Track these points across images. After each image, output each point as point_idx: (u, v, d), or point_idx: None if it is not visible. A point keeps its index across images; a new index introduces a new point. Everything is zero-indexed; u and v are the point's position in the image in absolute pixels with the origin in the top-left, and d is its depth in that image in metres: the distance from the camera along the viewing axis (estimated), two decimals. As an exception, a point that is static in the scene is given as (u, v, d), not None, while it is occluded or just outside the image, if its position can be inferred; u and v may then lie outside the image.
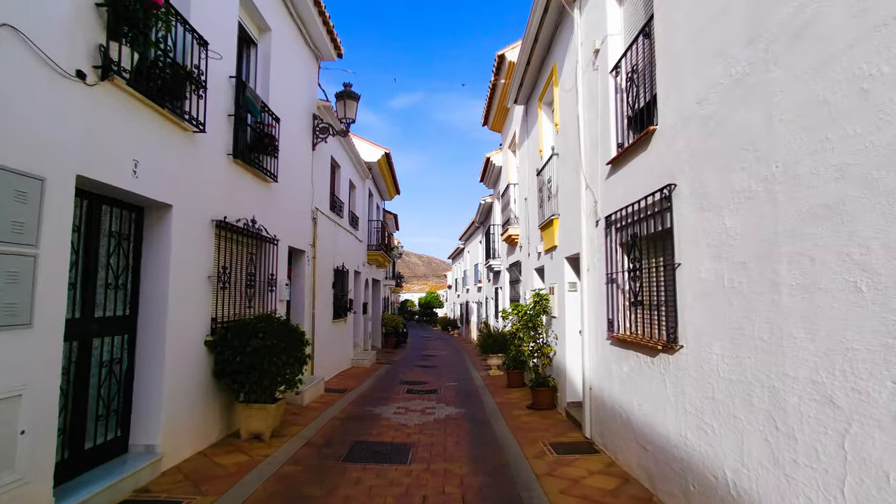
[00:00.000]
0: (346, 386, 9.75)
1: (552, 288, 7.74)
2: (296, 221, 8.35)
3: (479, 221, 19.99)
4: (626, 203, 4.64)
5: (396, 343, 20.10)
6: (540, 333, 7.78)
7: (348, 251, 12.58)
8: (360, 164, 13.61)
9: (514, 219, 11.35)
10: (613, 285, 5.04)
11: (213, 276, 5.40)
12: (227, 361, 5.34)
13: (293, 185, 8.17)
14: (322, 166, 10.12)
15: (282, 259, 7.53)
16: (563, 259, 7.14)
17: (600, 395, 5.41)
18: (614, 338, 4.91)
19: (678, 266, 3.65)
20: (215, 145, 5.49)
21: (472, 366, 13.86)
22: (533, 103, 9.38)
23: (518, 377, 9.73)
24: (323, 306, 10.02)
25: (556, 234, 7.54)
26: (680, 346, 3.60)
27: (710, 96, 3.25)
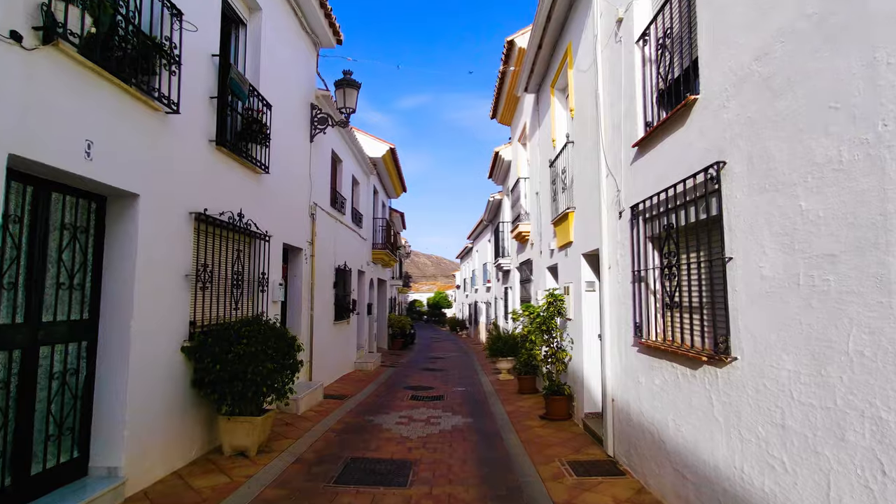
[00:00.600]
0: (347, 392, 9.16)
1: (567, 288, 7.08)
2: (291, 217, 7.77)
3: (487, 219, 19.33)
4: (656, 190, 3.99)
5: (403, 344, 19.51)
6: (554, 337, 7.13)
7: (351, 249, 12.00)
8: (363, 159, 13.03)
9: (525, 215, 10.70)
10: (641, 285, 4.38)
11: (191, 275, 4.82)
12: (207, 370, 4.76)
13: (288, 178, 7.60)
14: (322, 160, 9.54)
15: (275, 257, 6.95)
16: (580, 256, 6.49)
17: (625, 409, 4.75)
18: (643, 345, 4.25)
19: (729, 261, 2.99)
20: (194, 130, 4.92)
21: (480, 369, 13.21)
22: (545, 90, 8.72)
23: (530, 383, 9.08)
24: (323, 307, 9.44)
25: (571, 230, 6.88)
26: (732, 359, 2.94)
27: (775, 49, 2.59)
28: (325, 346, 9.46)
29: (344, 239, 11.24)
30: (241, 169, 5.94)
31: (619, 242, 4.99)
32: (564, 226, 7.15)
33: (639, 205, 4.37)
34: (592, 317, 6.38)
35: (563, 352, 6.94)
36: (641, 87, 4.44)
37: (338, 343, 10.63)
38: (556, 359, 6.91)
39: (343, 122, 8.92)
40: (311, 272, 8.65)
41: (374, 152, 14.27)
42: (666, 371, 3.86)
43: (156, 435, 4.29)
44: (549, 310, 7.09)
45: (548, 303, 7.17)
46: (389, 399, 8.69)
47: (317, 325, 8.95)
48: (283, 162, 7.34)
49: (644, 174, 4.33)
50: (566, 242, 7.13)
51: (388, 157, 14.77)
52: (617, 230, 5.04)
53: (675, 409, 3.68)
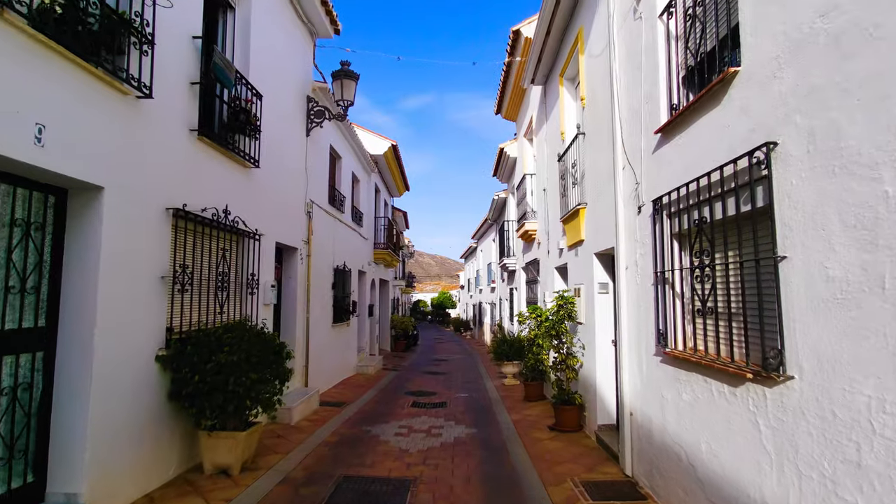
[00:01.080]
0: (346, 398, 8.70)
1: (578, 289, 6.59)
2: (285, 215, 7.33)
3: (492, 218, 18.85)
4: (684, 180, 3.51)
5: (406, 346, 19.06)
6: (564, 342, 6.63)
7: (351, 249, 11.56)
8: (364, 156, 12.59)
9: (531, 213, 10.21)
10: (665, 287, 3.90)
11: (168, 277, 4.38)
12: (185, 381, 4.31)
13: (282, 174, 7.15)
14: (319, 155, 9.10)
15: (266, 257, 6.51)
16: (592, 255, 6.00)
17: (646, 425, 4.26)
18: (668, 355, 3.77)
19: (782, 260, 2.51)
20: (171, 118, 4.47)
21: (485, 372, 12.74)
22: (553, 81, 8.24)
23: (537, 389, 8.59)
24: (320, 310, 9.00)
25: (582, 227, 6.40)
26: (787, 377, 2.46)
27: (843, 2, 2.11)
28: (322, 350, 9.02)
29: (343, 238, 10.80)
30: (227, 162, 5.49)
31: (637, 240, 4.51)
32: (575, 223, 6.66)
33: (662, 198, 3.89)
34: (606, 321, 5.89)
35: (573, 358, 6.46)
36: (665, 66, 3.96)
37: (337, 346, 10.18)
38: (566, 366, 6.43)
39: (341, 116, 8.47)
40: (307, 273, 8.21)
41: (375, 149, 13.82)
42: (697, 386, 3.37)
43: (125, 454, 3.85)
44: (559, 313, 6.60)
45: (557, 305, 6.68)
46: (389, 406, 8.23)
47: (313, 329, 8.50)
48: (276, 156, 6.90)
49: (668, 164, 3.85)
50: (577, 241, 6.65)
51: (390, 155, 14.32)
52: (635, 227, 4.56)
53: (710, 430, 3.19)
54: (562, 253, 7.76)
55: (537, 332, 8.53)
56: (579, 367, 6.50)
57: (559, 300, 6.61)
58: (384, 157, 14.15)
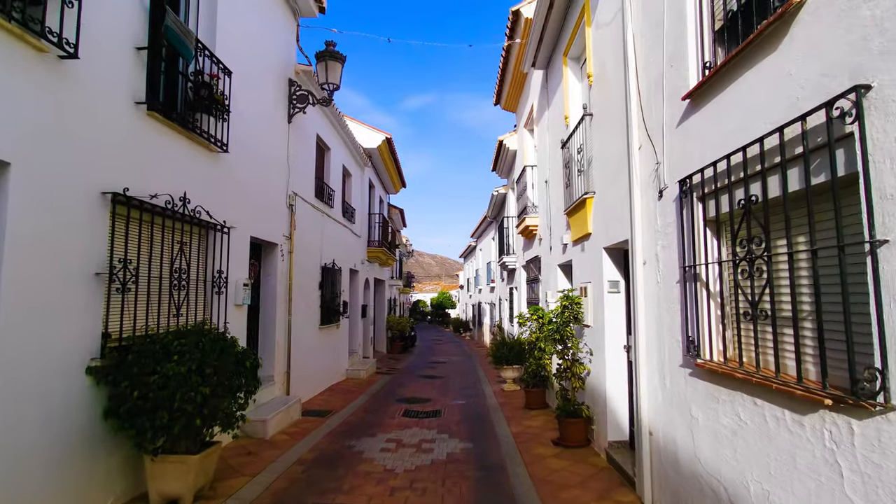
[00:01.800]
0: (332, 406, 8.01)
1: (584, 288, 5.90)
2: (263, 207, 6.65)
3: (491, 216, 18.15)
4: (723, 152, 2.82)
5: (403, 348, 18.37)
6: (569, 347, 5.94)
7: (341, 247, 10.87)
8: (356, 148, 11.90)
9: (532, 207, 9.53)
10: (695, 285, 3.21)
11: (103, 273, 3.69)
12: (123, 397, 3.64)
13: (259, 162, 6.47)
14: (304, 145, 8.41)
15: (238, 252, 5.83)
16: (601, 250, 5.32)
17: (670, 449, 3.58)
18: (702, 367, 3.08)
19: (881, 245, 1.83)
20: (109, 86, 3.79)
21: (483, 376, 12.05)
22: (556, 62, 7.55)
23: (538, 397, 7.90)
24: (305, 311, 8.32)
25: (589, 219, 5.71)
26: (889, 408, 1.77)
27: None
28: (307, 354, 8.33)
29: (332, 235, 10.11)
30: (187, 144, 4.81)
31: (658, 230, 3.82)
32: (581, 215, 5.98)
33: (692, 177, 3.20)
34: (616, 324, 5.21)
35: (579, 365, 5.76)
36: (695, 16, 3.27)
37: (325, 350, 9.50)
38: (571, 373, 5.73)
39: (325, 100, 7.79)
40: (288, 271, 7.52)
41: (368, 143, 13.14)
42: (743, 408, 2.68)
43: (43, 488, 3.17)
44: (564, 315, 5.90)
45: (562, 306, 5.98)
46: (378, 415, 7.54)
47: (297, 332, 7.82)
48: (251, 142, 6.22)
49: (699, 136, 3.16)
50: (583, 235, 5.97)
51: (384, 148, 13.64)
52: (655, 215, 3.87)
53: (762, 466, 2.50)
54: (566, 249, 7.08)
55: (539, 334, 7.85)
56: (586, 375, 5.81)
57: (564, 300, 5.92)
58: (378, 150, 13.47)
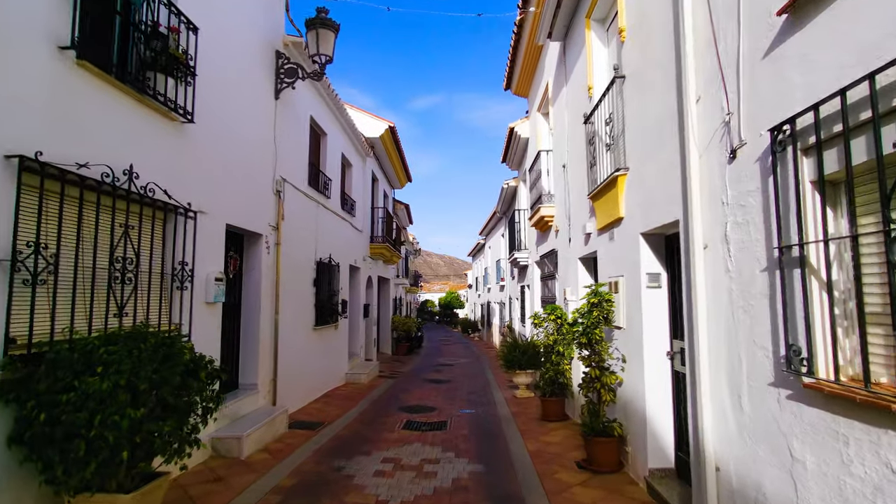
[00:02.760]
0: (326, 416, 7.14)
1: (614, 283, 4.96)
2: (243, 191, 5.79)
3: (501, 211, 17.21)
4: (850, 79, 1.89)
5: (409, 349, 17.49)
6: (599, 353, 4.98)
7: (340, 241, 10.01)
8: (356, 136, 11.04)
9: (547, 196, 8.59)
10: (802, 272, 2.27)
11: (6, 260, 2.84)
12: (29, 420, 2.78)
13: (237, 139, 5.61)
14: (295, 126, 7.56)
15: (209, 241, 4.97)
16: (637, 237, 4.38)
17: (752, 496, 2.63)
18: (816, 388, 2.14)
19: None
20: (16, 20, 2.93)
21: (493, 381, 11.12)
22: (576, 30, 6.61)
23: (556, 407, 6.96)
24: (296, 310, 7.46)
25: (620, 201, 4.78)
26: None
27: None
28: (299, 358, 7.47)
29: (329, 228, 9.25)
30: (136, 107, 3.94)
31: (728, 204, 2.88)
32: (609, 198, 5.05)
33: (794, 122, 2.27)
34: (657, 325, 4.27)
35: (610, 375, 4.81)
36: None
37: (320, 353, 8.63)
38: (600, 384, 4.78)
39: (317, 74, 6.91)
40: (275, 265, 6.66)
41: (370, 131, 12.27)
42: (898, 457, 1.74)
43: None
44: (592, 314, 4.92)
45: (589, 304, 5.01)
46: (376, 428, 6.65)
47: (287, 333, 6.96)
48: (229, 116, 5.36)
49: (808, 61, 2.23)
50: (611, 221, 5.04)
51: (388, 138, 12.76)
52: (724, 184, 2.93)
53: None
54: (589, 239, 6.14)
55: (557, 337, 6.93)
56: (617, 386, 4.87)
57: (592, 297, 4.95)
58: (381, 140, 12.60)
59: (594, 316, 4.79)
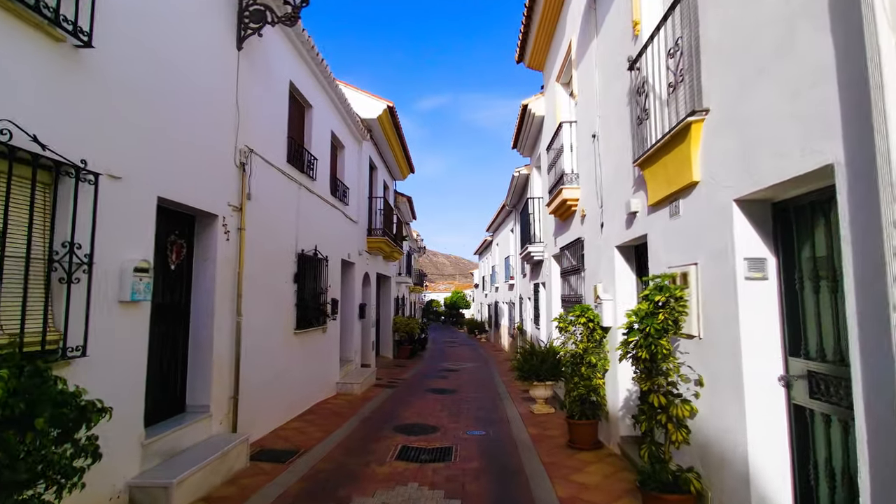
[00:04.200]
0: (304, 440, 5.75)
1: (683, 275, 3.52)
2: (187, 158, 4.41)
3: (511, 203, 15.77)
4: None
5: (412, 353, 16.09)
6: (666, 372, 3.49)
7: (330, 231, 8.64)
8: (349, 115, 9.66)
9: (571, 176, 7.16)
10: None
11: None
12: None
13: (178, 88, 4.24)
14: (269, 90, 6.18)
15: (129, 218, 3.59)
16: (729, 206, 2.96)
17: None
18: None
19: None
20: None
21: (504, 391, 9.70)
22: (613, -43, 5.19)
23: (588, 432, 5.53)
24: (269, 311, 6.08)
25: (695, 158, 3.35)
26: None
27: None
28: (271, 370, 6.10)
29: (315, 215, 7.87)
30: (-21, 5, 2.58)
31: None
32: (674, 158, 3.62)
33: None
34: (762, 335, 2.84)
35: (683, 404, 3.34)
36: None
37: (303, 362, 7.25)
38: (668, 416, 3.32)
39: (290, 18, 5.51)
40: (238, 255, 5.29)
41: (366, 112, 10.89)
42: None
43: None
44: (658, 319, 3.42)
45: (651, 304, 3.50)
46: (363, 457, 5.25)
47: (254, 339, 5.59)
48: (161, 54, 3.99)
49: None
50: (677, 189, 3.61)
51: (386, 120, 11.36)
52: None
53: None
54: (633, 220, 4.72)
55: (588, 344, 5.52)
56: (689, 417, 3.43)
57: (656, 293, 3.45)
58: (378, 122, 11.21)
59: (660, 320, 3.32)
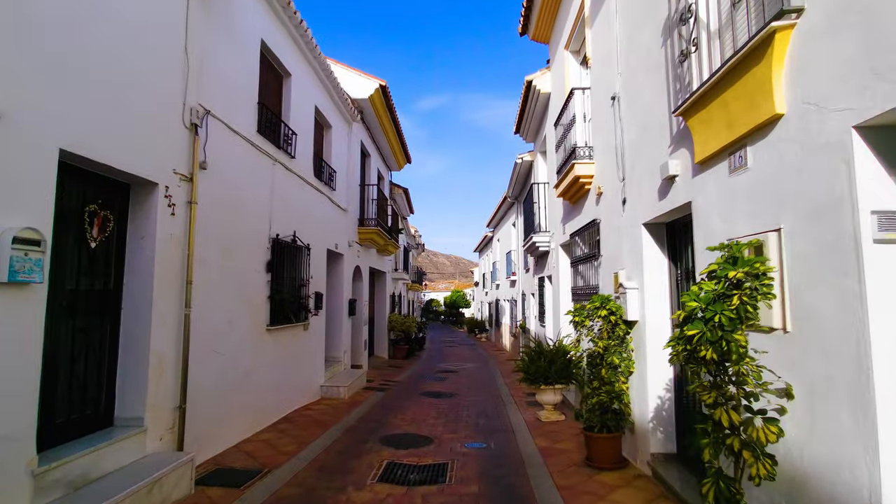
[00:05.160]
0: (270, 457, 4.78)
1: (759, 245, 2.55)
2: (113, 105, 3.45)
3: (513, 195, 14.79)
4: None
5: (408, 352, 15.12)
6: (740, 380, 2.47)
7: (313, 217, 7.68)
8: (336, 89, 8.70)
9: (583, 150, 6.20)
10: None
11: None
12: None
13: (91, 11, 3.29)
14: (232, 44, 5.23)
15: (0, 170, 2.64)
16: (851, 137, 2.00)
17: None
18: None
19: None
20: None
21: (507, 394, 8.74)
22: None
23: (610, 447, 4.56)
24: (233, 303, 5.13)
25: (777, 85, 2.41)
26: None
27: None
28: (237, 371, 5.14)
29: (294, 197, 6.92)
30: None
31: None
32: (739, 92, 2.68)
33: None
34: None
35: (766, 427, 2.35)
36: None
37: (278, 362, 6.29)
38: (743, 442, 2.34)
39: (250, -51, 4.55)
40: (187, 235, 4.32)
41: (357, 91, 9.93)
42: None
43: None
44: (730, 303, 2.32)
45: (722, 283, 2.41)
46: (340, 477, 4.29)
47: (211, 336, 4.65)
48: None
49: None
50: (748, 131, 2.67)
51: (378, 100, 10.40)
52: None
53: None
54: (669, 187, 3.77)
55: (609, 342, 4.58)
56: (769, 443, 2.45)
57: (729, 268, 2.37)
58: (370, 102, 10.25)
59: (734, 306, 2.32)
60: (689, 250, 4.00)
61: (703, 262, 3.27)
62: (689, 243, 4.03)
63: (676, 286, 4.25)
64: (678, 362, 2.55)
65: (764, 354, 2.49)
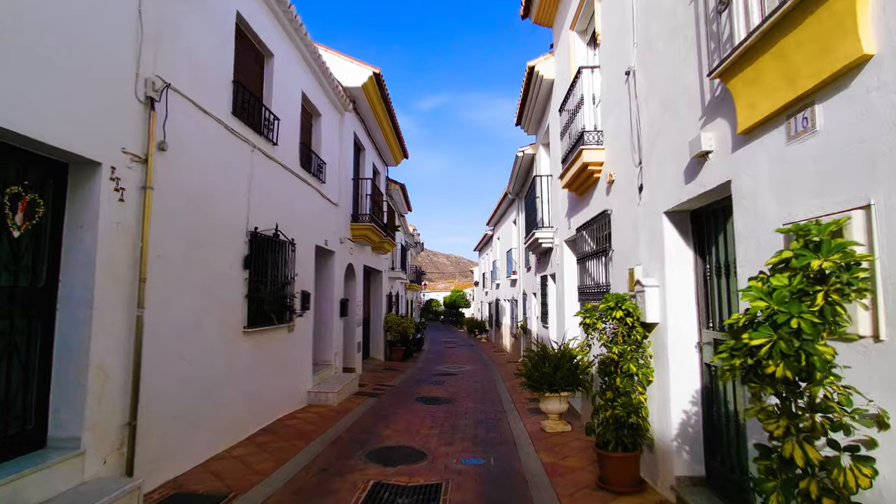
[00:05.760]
0: (237, 479, 4.19)
1: (838, 228, 1.96)
2: (38, 65, 2.87)
3: (513, 191, 14.20)
4: None
5: (406, 354, 14.53)
6: (818, 404, 1.86)
7: (299, 210, 7.09)
8: (325, 75, 8.11)
9: (592, 135, 5.62)
10: None
11: None
12: None
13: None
14: (197, 13, 4.65)
15: None
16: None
17: None
18: None
19: None
20: None
21: (508, 399, 8.15)
22: None
23: (627, 468, 3.97)
24: (202, 302, 4.54)
25: (863, 18, 1.81)
26: None
27: None
28: (206, 379, 4.55)
29: (276, 188, 6.33)
30: None
31: None
32: (805, 35, 2.11)
33: None
34: None
35: (856, 464, 1.76)
36: None
37: (258, 367, 5.70)
38: (825, 487, 1.76)
39: None
40: (142, 224, 3.74)
41: (349, 80, 9.34)
42: None
43: None
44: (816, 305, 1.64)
45: (799, 277, 1.73)
46: (318, 502, 3.71)
47: (173, 339, 4.06)
48: None
49: None
50: (818, 83, 2.08)
51: (372, 89, 9.81)
52: None
53: None
54: (702, 166, 3.19)
55: (625, 346, 4.01)
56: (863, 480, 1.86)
57: (809, 256, 1.70)
58: (364, 91, 9.66)
59: (816, 306, 1.72)
60: (722, 240, 3.42)
61: (745, 252, 2.69)
62: (720, 232, 3.45)
63: (704, 283, 3.67)
64: (731, 379, 1.96)
65: (846, 370, 1.91)
